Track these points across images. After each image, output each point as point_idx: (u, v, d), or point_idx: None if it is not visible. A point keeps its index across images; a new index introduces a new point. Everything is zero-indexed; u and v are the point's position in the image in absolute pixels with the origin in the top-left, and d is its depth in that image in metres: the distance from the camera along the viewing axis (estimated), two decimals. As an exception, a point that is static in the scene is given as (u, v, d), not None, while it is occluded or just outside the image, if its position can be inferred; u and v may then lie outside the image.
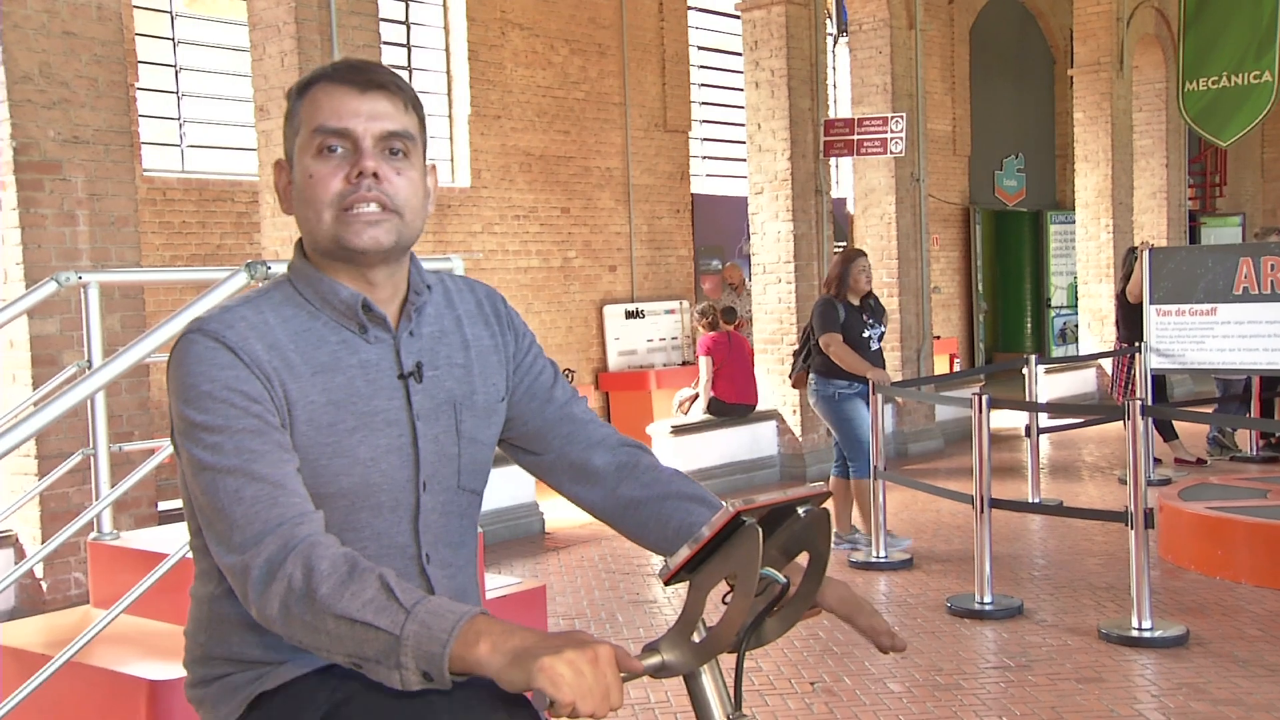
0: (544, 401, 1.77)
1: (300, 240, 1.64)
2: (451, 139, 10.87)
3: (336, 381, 1.57)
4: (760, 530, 1.33)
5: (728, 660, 1.46)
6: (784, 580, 1.46)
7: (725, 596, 1.38)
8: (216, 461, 1.47)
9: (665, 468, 1.77)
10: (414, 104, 1.61)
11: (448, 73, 10.95)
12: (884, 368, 6.65)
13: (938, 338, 13.54)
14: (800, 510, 1.41)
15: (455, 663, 1.30)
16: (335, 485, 1.56)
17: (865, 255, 6.74)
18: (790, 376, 7.03)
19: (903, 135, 9.88)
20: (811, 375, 6.66)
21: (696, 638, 1.40)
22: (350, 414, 1.57)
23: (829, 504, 4.61)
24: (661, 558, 1.53)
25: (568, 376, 11.19)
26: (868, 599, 1.68)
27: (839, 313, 6.52)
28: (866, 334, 6.56)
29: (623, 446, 1.78)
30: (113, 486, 3.67)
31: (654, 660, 1.38)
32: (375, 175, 1.54)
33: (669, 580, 1.40)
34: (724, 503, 1.37)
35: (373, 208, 1.55)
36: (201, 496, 1.48)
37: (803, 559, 1.49)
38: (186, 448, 1.50)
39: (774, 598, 1.47)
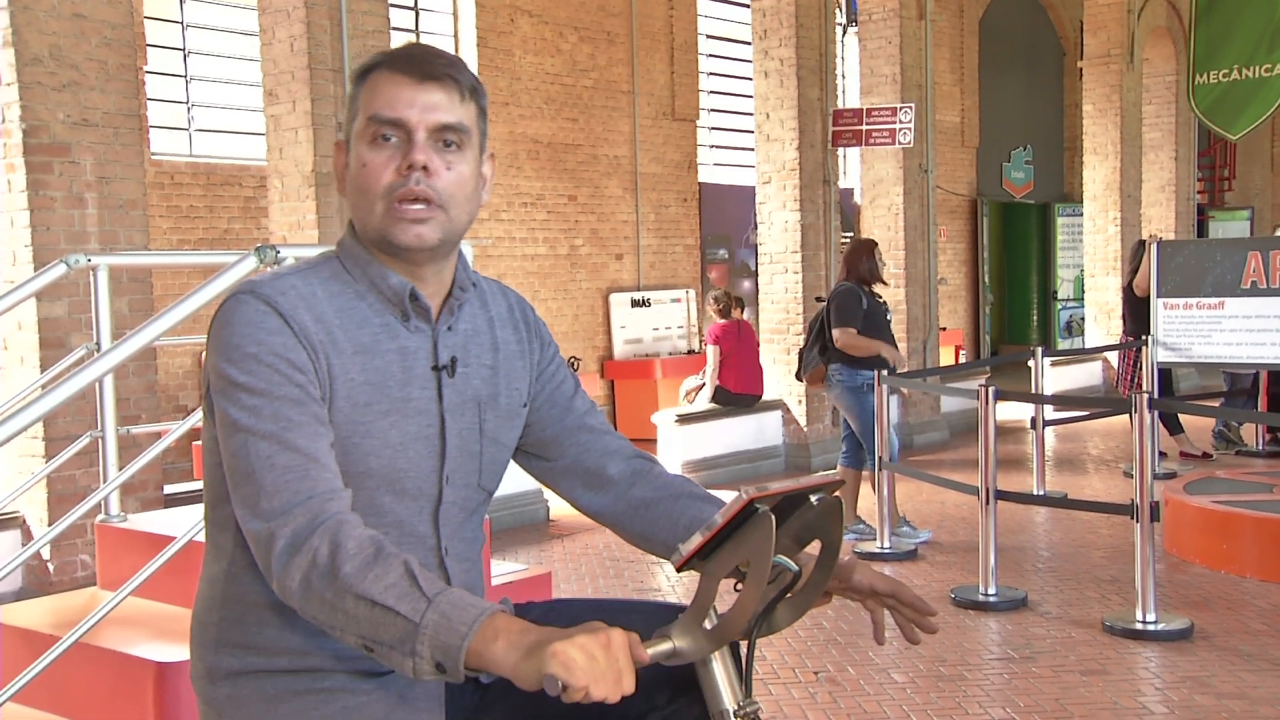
0: (564, 410, 1.79)
1: (352, 221, 1.65)
2: (459, 125, 10.84)
3: (375, 364, 1.58)
4: (773, 518, 1.33)
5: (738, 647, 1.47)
6: (796, 568, 1.46)
7: (736, 584, 1.38)
8: (253, 424, 1.46)
9: (676, 475, 1.81)
10: (473, 93, 1.60)
11: (456, 59, 10.93)
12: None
13: (943, 329, 13.52)
14: (813, 498, 1.42)
15: (471, 658, 1.31)
16: (364, 465, 1.56)
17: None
18: (802, 373, 6.94)
19: (911, 126, 9.85)
20: (835, 365, 6.62)
21: (708, 625, 1.40)
22: (385, 397, 1.58)
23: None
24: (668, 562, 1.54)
25: (573, 365, 11.22)
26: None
27: (863, 302, 6.53)
28: (888, 317, 6.66)
29: (636, 457, 1.82)
30: (120, 469, 3.68)
31: (665, 646, 1.39)
32: (425, 169, 1.54)
33: (681, 567, 1.40)
34: (737, 493, 1.37)
35: (420, 206, 1.55)
36: (232, 458, 1.48)
37: (814, 547, 1.49)
38: (223, 407, 1.49)
39: (786, 585, 1.47)
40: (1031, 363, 8.18)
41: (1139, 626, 4.91)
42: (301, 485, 1.44)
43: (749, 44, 10.23)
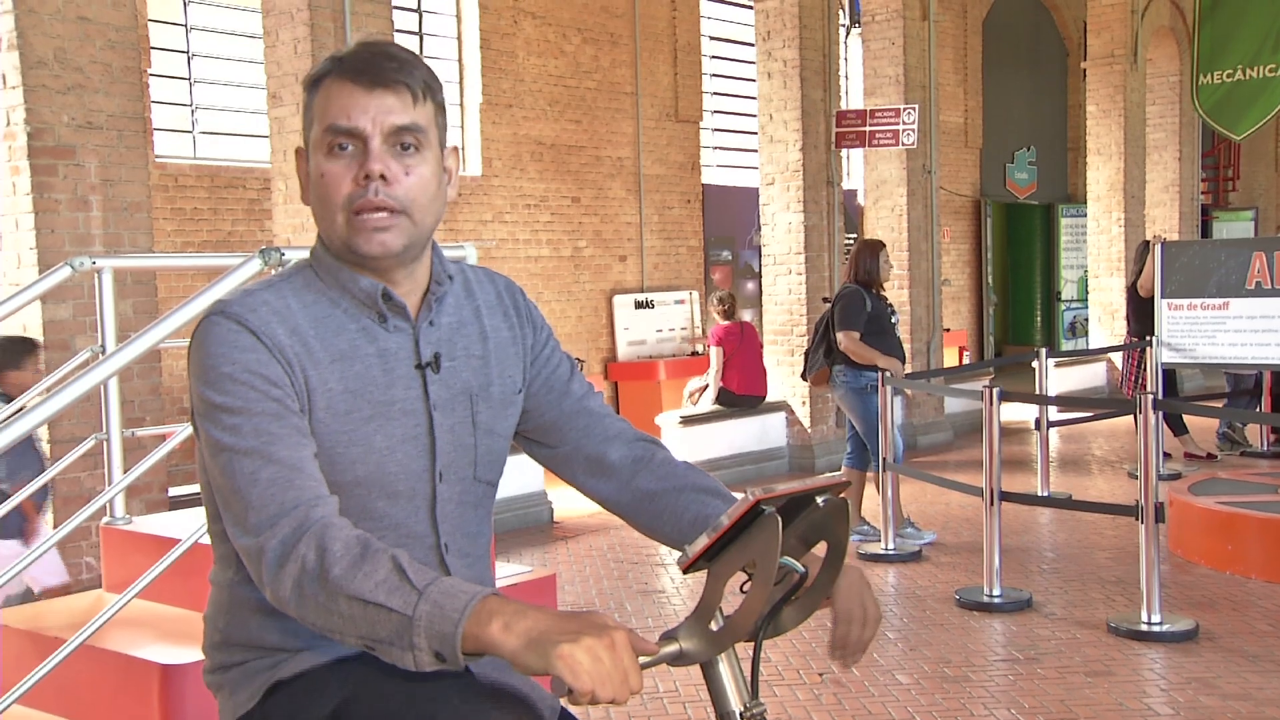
0: (561, 395, 1.77)
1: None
2: (463, 127, 10.86)
3: (354, 370, 1.57)
4: (779, 519, 1.33)
5: (744, 649, 1.46)
6: (802, 569, 1.46)
7: (743, 585, 1.38)
8: (234, 443, 1.47)
9: (680, 462, 1.78)
10: (427, 91, 1.58)
11: (460, 61, 10.94)
12: (903, 353, 6.70)
13: (947, 330, 13.51)
14: (819, 499, 1.41)
15: (468, 642, 1.30)
16: (351, 473, 1.56)
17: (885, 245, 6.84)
18: (807, 374, 6.95)
19: (914, 127, 9.85)
20: (839, 367, 6.62)
21: (714, 626, 1.40)
22: (367, 403, 1.57)
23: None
24: (675, 550, 1.53)
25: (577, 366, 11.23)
26: (875, 598, 1.67)
27: (867, 304, 6.51)
28: (894, 319, 6.64)
29: (638, 441, 1.79)
30: (125, 472, 3.68)
31: (672, 648, 1.38)
32: (383, 178, 1.53)
33: (687, 568, 1.39)
34: (743, 494, 1.37)
35: (381, 215, 1.53)
36: (219, 477, 1.48)
37: (821, 548, 1.49)
38: (205, 428, 1.50)
39: (792, 586, 1.47)
40: (1035, 364, 8.18)
41: (1144, 627, 4.90)
42: (286, 496, 1.44)
43: (752, 45, 10.24)
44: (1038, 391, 8.15)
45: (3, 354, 5.03)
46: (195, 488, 6.61)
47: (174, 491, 6.24)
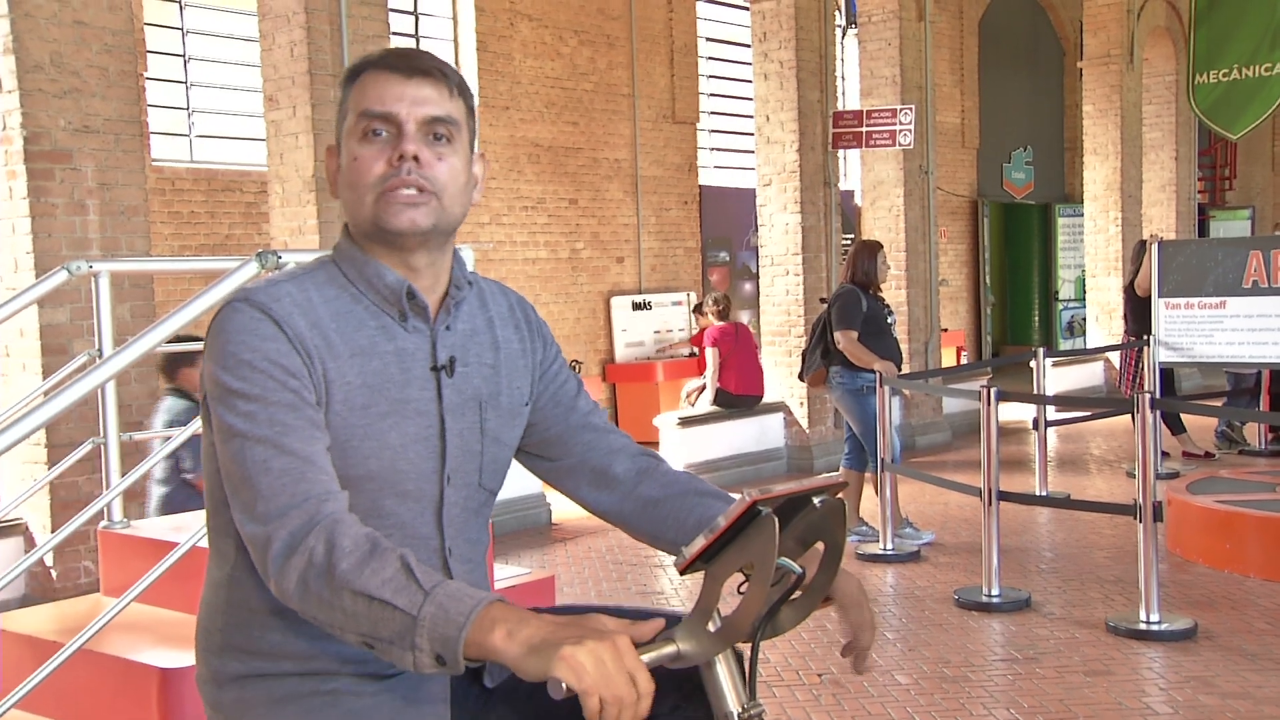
0: (568, 409, 1.80)
1: (347, 224, 1.66)
2: (460, 130, 10.85)
3: (372, 366, 1.58)
4: (776, 520, 1.33)
5: (742, 650, 1.47)
6: (800, 570, 1.46)
7: (740, 586, 1.38)
8: (248, 430, 1.47)
9: (682, 472, 1.82)
10: (461, 90, 1.62)
11: (456, 63, 10.94)
12: (900, 354, 6.69)
13: (945, 330, 13.51)
14: (816, 500, 1.42)
15: (470, 648, 1.31)
16: (364, 468, 1.56)
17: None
18: (805, 374, 6.95)
19: (911, 127, 9.86)
20: (836, 368, 6.62)
21: (712, 627, 1.40)
22: (383, 399, 1.58)
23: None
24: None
25: (575, 368, 11.22)
26: (871, 597, 1.68)
27: (863, 305, 6.52)
28: (890, 320, 6.64)
29: (641, 455, 1.83)
30: (122, 475, 3.68)
31: (670, 649, 1.38)
32: (416, 159, 1.56)
33: (685, 569, 1.39)
34: (740, 495, 1.37)
35: (411, 191, 1.56)
36: (229, 463, 1.48)
37: (818, 549, 1.49)
38: (219, 413, 1.50)
39: (789, 587, 1.47)
40: (1033, 363, 8.18)
41: (1143, 627, 4.90)
42: (297, 488, 1.44)
43: (749, 46, 10.23)
44: (1035, 391, 8.15)
45: (177, 353, 5.05)
46: (194, 491, 6.51)
47: (172, 495, 6.22)
